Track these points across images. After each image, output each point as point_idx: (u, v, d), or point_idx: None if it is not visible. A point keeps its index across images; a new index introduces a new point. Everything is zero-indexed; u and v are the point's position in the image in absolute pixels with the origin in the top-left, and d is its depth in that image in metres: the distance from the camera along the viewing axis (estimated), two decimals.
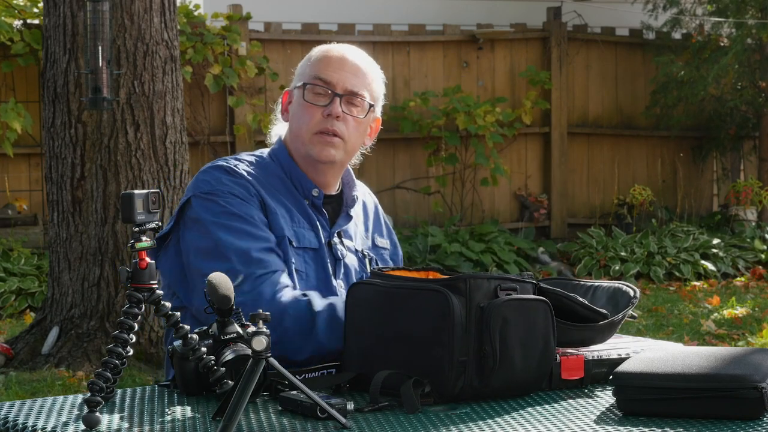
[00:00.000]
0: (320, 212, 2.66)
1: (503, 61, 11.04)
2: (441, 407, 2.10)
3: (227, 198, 2.53)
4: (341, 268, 2.64)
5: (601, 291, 2.48)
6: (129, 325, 2.08)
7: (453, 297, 2.12)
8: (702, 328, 7.33)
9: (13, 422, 2.05)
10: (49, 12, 6.31)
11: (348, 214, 2.71)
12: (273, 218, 2.56)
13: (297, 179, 2.65)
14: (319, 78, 2.63)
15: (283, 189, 2.64)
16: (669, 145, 11.63)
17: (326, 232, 2.65)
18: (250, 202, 2.54)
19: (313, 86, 2.63)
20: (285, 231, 2.56)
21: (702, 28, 11.40)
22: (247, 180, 2.58)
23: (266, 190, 2.60)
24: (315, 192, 2.65)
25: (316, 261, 2.60)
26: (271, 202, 2.57)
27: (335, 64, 2.65)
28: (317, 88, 2.63)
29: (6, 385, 5.88)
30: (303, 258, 2.58)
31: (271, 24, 10.19)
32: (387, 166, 10.56)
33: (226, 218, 2.50)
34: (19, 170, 9.31)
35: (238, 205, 2.53)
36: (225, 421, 1.88)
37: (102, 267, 6.25)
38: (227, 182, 2.56)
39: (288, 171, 2.66)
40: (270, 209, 2.56)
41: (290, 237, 2.56)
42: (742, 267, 10.13)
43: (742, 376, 1.98)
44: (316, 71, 2.65)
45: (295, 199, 2.64)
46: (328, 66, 2.65)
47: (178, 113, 6.36)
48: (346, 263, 2.66)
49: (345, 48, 2.71)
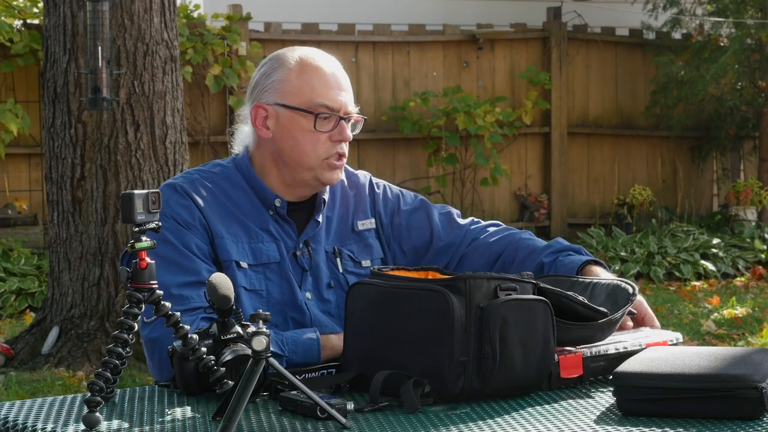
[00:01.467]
0: (286, 221, 2.60)
1: (503, 61, 11.04)
2: (441, 407, 2.09)
3: (168, 222, 2.47)
4: (308, 279, 2.59)
5: (600, 288, 2.47)
6: (129, 325, 2.08)
7: (453, 297, 2.12)
8: (702, 328, 7.33)
9: (13, 422, 2.05)
10: (49, 12, 6.31)
11: (315, 221, 2.64)
12: (219, 243, 2.51)
13: (259, 191, 2.60)
14: (324, 105, 2.56)
15: (244, 201, 2.59)
16: (669, 145, 11.63)
17: (292, 242, 2.60)
18: (191, 229, 2.50)
19: (321, 114, 2.56)
20: (232, 255, 2.51)
21: (702, 28, 11.41)
22: (194, 203, 2.53)
23: (221, 208, 2.55)
24: (278, 202, 2.59)
25: (279, 275, 2.56)
26: (219, 226, 2.52)
27: (332, 84, 2.58)
28: (323, 115, 2.56)
29: (6, 385, 5.88)
30: (263, 275, 2.54)
31: (271, 24, 10.20)
32: (387, 166, 10.56)
33: (160, 246, 2.38)
34: (19, 170, 9.31)
35: (176, 231, 2.49)
36: (225, 421, 1.88)
37: (102, 267, 6.25)
38: (173, 204, 2.51)
39: (250, 182, 2.61)
40: (216, 234, 2.52)
41: (239, 259, 2.51)
42: (742, 267, 10.13)
43: (742, 376, 1.98)
44: (316, 96, 2.56)
45: (258, 212, 2.59)
46: (327, 88, 2.57)
47: (178, 113, 6.36)
48: (314, 273, 2.60)
49: (327, 60, 2.62)
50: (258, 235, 2.57)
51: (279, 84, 2.60)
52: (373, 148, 10.47)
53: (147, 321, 2.37)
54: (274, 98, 2.60)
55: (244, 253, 2.54)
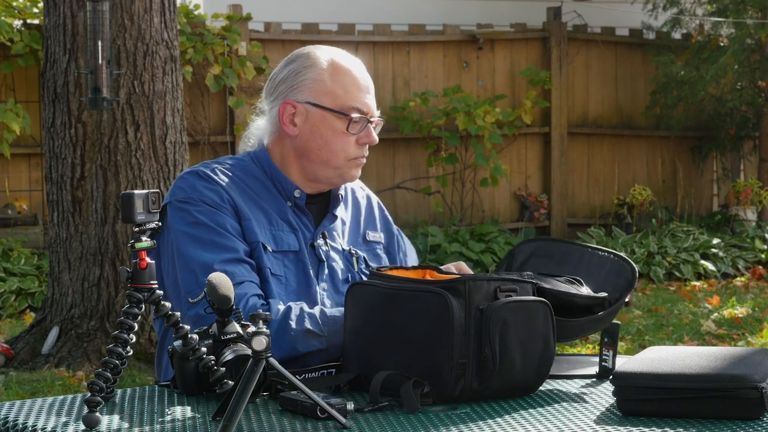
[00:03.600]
0: (304, 213, 2.64)
1: (503, 61, 11.04)
2: (441, 407, 2.10)
3: (199, 206, 2.51)
4: (324, 270, 2.61)
5: (597, 261, 2.47)
6: (129, 325, 2.08)
7: (452, 299, 2.12)
8: (702, 328, 7.33)
9: (13, 422, 2.05)
10: (49, 12, 6.31)
11: (333, 215, 2.69)
12: (246, 225, 2.54)
13: (279, 181, 2.63)
14: (357, 109, 2.61)
15: (263, 192, 2.62)
16: (669, 145, 11.63)
17: (310, 233, 2.63)
18: (222, 210, 2.53)
19: (354, 118, 2.60)
20: (259, 237, 2.54)
21: (702, 28, 11.41)
22: (221, 186, 2.56)
23: (243, 194, 2.59)
24: (297, 193, 2.63)
25: (297, 264, 2.58)
26: (245, 208, 2.56)
27: (363, 88, 2.64)
28: (356, 118, 2.61)
29: (6, 385, 5.88)
30: (282, 262, 2.56)
31: (271, 24, 10.20)
32: (387, 166, 10.56)
33: (195, 228, 2.49)
34: (19, 170, 9.31)
35: (209, 213, 2.52)
36: (225, 421, 1.88)
37: (102, 267, 6.25)
38: (201, 188, 2.54)
39: (270, 174, 2.64)
40: (244, 216, 2.55)
41: (265, 242, 2.54)
42: (742, 267, 10.13)
43: (742, 376, 1.98)
44: (350, 100, 2.61)
45: (277, 202, 2.62)
46: (359, 91, 2.62)
47: (178, 113, 6.36)
48: (330, 265, 2.63)
49: (356, 63, 2.67)
50: (278, 223, 2.60)
51: (312, 83, 2.63)
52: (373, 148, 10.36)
53: (192, 301, 2.38)
54: (306, 97, 2.62)
55: (267, 237, 2.56)
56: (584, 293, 2.34)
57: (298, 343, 2.39)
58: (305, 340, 2.40)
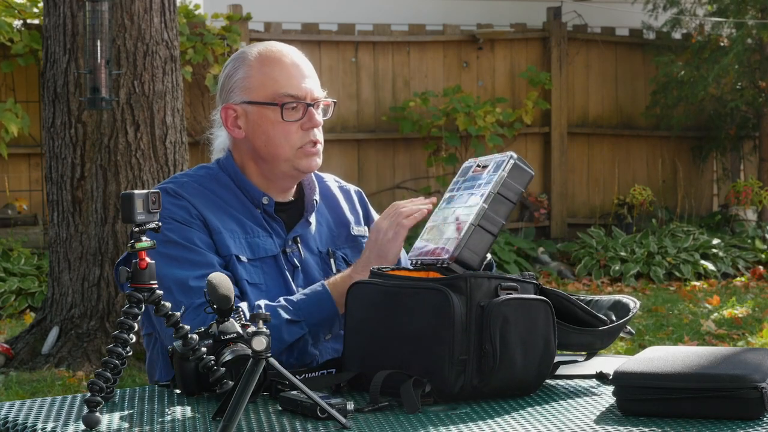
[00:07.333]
0: (274, 219, 2.63)
1: (503, 61, 11.04)
2: (441, 407, 2.09)
3: (169, 224, 2.50)
4: (299, 275, 2.61)
5: (600, 303, 2.48)
6: (129, 325, 2.08)
7: (453, 296, 2.12)
8: (702, 328, 7.33)
9: (13, 422, 2.05)
10: (49, 12, 6.31)
11: (307, 221, 2.67)
12: (218, 238, 2.54)
13: (246, 189, 2.63)
14: (289, 95, 2.58)
15: (234, 201, 2.62)
16: (669, 145, 11.63)
17: (281, 240, 2.62)
18: (192, 225, 2.53)
19: (287, 104, 2.58)
20: (232, 249, 2.54)
21: (702, 28, 11.40)
22: (188, 201, 2.55)
23: (213, 206, 2.58)
24: (265, 200, 2.62)
25: (275, 269, 2.58)
26: (215, 221, 2.55)
27: (294, 73, 2.61)
28: (289, 105, 2.59)
29: (6, 385, 5.88)
30: (261, 269, 2.56)
31: (271, 24, 10.19)
32: (387, 166, 10.56)
33: (167, 247, 2.47)
34: (19, 170, 9.31)
35: (178, 230, 2.52)
36: (225, 421, 1.88)
37: (102, 267, 6.25)
38: (168, 206, 2.53)
39: (237, 181, 2.64)
40: (214, 229, 2.54)
41: (239, 254, 2.54)
42: (742, 267, 10.13)
43: (742, 376, 1.98)
44: (279, 87, 2.59)
45: (248, 210, 2.62)
46: (289, 78, 2.60)
47: (178, 113, 6.36)
48: (306, 269, 2.62)
49: (287, 51, 2.64)
50: (253, 230, 2.59)
51: (242, 82, 2.63)
52: (373, 148, 10.47)
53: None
54: (240, 97, 2.62)
55: (242, 247, 2.56)
56: (587, 307, 2.34)
57: (283, 333, 2.43)
58: (288, 329, 2.44)
